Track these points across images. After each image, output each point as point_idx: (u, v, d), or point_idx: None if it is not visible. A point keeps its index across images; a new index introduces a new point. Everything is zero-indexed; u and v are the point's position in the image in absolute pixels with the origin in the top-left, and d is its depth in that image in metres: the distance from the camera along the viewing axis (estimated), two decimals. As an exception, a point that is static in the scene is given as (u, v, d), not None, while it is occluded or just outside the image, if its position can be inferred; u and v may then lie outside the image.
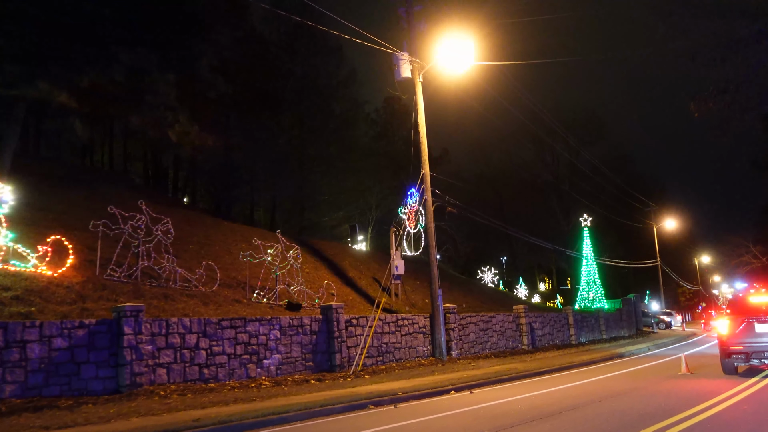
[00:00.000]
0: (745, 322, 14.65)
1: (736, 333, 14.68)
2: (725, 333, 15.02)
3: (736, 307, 15.42)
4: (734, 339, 14.68)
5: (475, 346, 23.24)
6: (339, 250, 27.22)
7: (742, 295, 16.09)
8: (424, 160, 21.70)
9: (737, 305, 15.48)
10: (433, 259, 21.38)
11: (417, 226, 42.92)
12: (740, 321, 14.72)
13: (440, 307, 20.92)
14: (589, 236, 48.39)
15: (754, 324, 14.52)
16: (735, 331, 14.72)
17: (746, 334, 14.52)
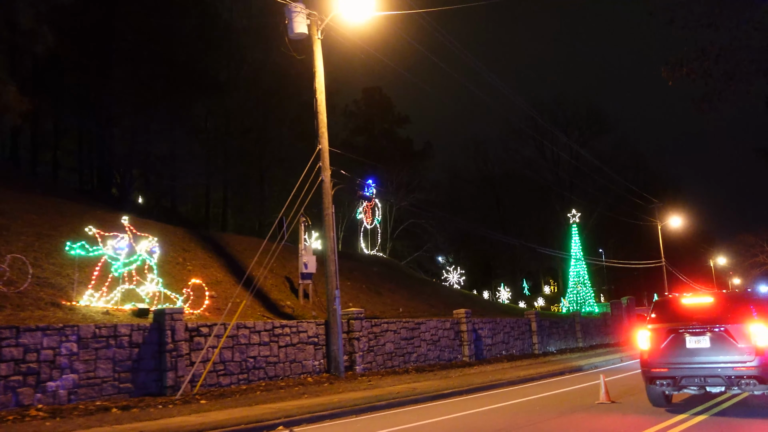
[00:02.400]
0: (672, 334, 10.65)
1: (661, 349, 10.67)
2: (646, 349, 10.97)
3: (662, 313, 11.36)
4: (657, 357, 10.65)
5: (394, 359, 19.36)
6: (252, 246, 23.52)
7: (671, 297, 12.00)
8: (322, 133, 17.90)
9: (664, 310, 11.42)
10: (330, 253, 17.57)
11: (374, 222, 39.21)
12: (666, 332, 10.71)
13: (337, 312, 17.09)
14: (577, 233, 44.19)
15: (684, 336, 10.50)
16: (659, 346, 10.72)
17: (673, 351, 10.53)
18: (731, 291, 12.64)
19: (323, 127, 17.96)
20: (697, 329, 10.45)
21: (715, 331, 10.29)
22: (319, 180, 17.69)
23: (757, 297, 11.46)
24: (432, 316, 24.04)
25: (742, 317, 10.30)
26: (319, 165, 17.72)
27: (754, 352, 9.93)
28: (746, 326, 10.12)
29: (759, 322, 10.15)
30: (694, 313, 10.87)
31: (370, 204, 35.05)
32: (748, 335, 10.06)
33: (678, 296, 11.64)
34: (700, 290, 12.55)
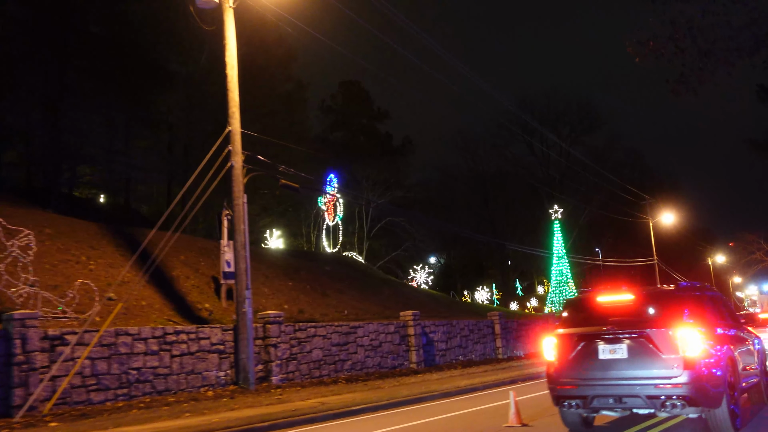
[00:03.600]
0: (582, 342, 8.51)
1: (569, 361, 8.53)
2: (552, 361, 8.82)
3: (574, 315, 9.18)
4: (565, 372, 8.53)
5: (324, 367, 17.26)
6: (184, 244, 21.47)
7: (585, 295, 9.76)
8: (232, 113, 15.83)
9: (576, 312, 9.23)
10: (241, 248, 15.48)
11: (335, 218, 37.12)
12: (575, 339, 8.57)
13: (247, 316, 14.99)
14: (560, 230, 41.97)
15: (596, 345, 8.35)
16: (567, 357, 8.59)
17: (584, 364, 8.41)
18: (661, 286, 10.27)
19: (234, 107, 15.91)
20: (612, 336, 8.28)
21: (634, 337, 8.13)
22: (228, 165, 15.62)
23: (697, 293, 9.28)
24: (384, 318, 21.95)
25: (668, 320, 8.16)
26: (229, 149, 15.64)
27: (683, 364, 7.81)
28: (673, 331, 7.98)
29: (690, 325, 8.02)
30: (611, 314, 8.64)
31: (332, 200, 32.95)
32: (675, 343, 7.91)
33: (593, 293, 9.32)
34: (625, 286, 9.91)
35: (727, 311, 10.76)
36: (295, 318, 19.44)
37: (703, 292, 9.67)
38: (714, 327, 8.82)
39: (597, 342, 8.35)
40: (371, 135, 54.68)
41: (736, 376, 8.97)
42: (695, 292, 9.28)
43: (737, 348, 9.62)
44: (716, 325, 9.03)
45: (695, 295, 9.07)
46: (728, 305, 11.25)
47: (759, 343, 11.73)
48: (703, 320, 8.52)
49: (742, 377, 9.56)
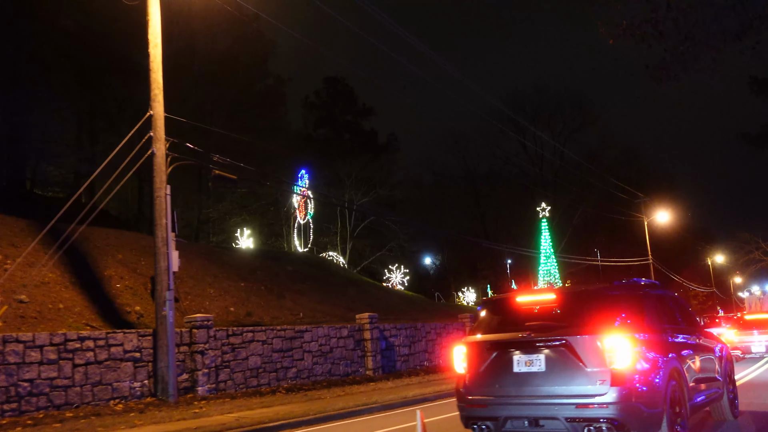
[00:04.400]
0: (495, 352, 7.08)
1: (480, 374, 7.10)
2: (462, 374, 7.41)
3: (489, 319, 7.73)
4: (475, 387, 7.09)
5: (263, 376, 15.71)
6: (124, 240, 19.98)
7: (502, 296, 8.19)
8: (155, 95, 14.27)
9: (492, 315, 7.78)
10: (162, 245, 13.95)
11: (306, 216, 35.55)
12: (488, 348, 7.13)
13: (168, 320, 13.45)
14: (547, 228, 40.38)
15: (511, 356, 6.89)
16: (478, 370, 7.17)
17: (496, 378, 6.98)
18: (592, 284, 8.63)
19: (157, 89, 14.36)
20: (529, 344, 6.83)
21: (554, 346, 6.71)
22: (149, 153, 14.10)
23: (636, 292, 7.79)
24: (345, 321, 20.42)
25: (596, 325, 6.69)
26: (150, 135, 14.12)
27: (610, 379, 6.38)
28: (599, 339, 6.53)
29: (620, 331, 6.55)
30: (530, 319, 7.19)
31: (303, 197, 31.45)
32: (601, 353, 6.49)
33: (512, 294, 7.87)
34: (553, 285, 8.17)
35: (681, 314, 9.22)
36: (239, 321, 17.93)
37: (646, 291, 8.11)
38: (656, 333, 7.38)
39: (511, 352, 6.94)
40: (356, 132, 53.21)
41: (683, 391, 7.46)
42: (634, 291, 7.77)
43: (690, 357, 8.15)
44: (660, 330, 7.55)
45: (633, 295, 7.61)
46: (682, 307, 9.74)
47: (724, 350, 10.21)
48: (641, 325, 7.07)
49: (694, 392, 8.05)
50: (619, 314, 6.91)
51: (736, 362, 20.03)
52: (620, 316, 6.89)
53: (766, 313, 20.20)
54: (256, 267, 23.41)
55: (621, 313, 6.94)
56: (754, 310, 21.55)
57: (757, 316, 20.19)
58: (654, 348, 7.05)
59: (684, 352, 8.05)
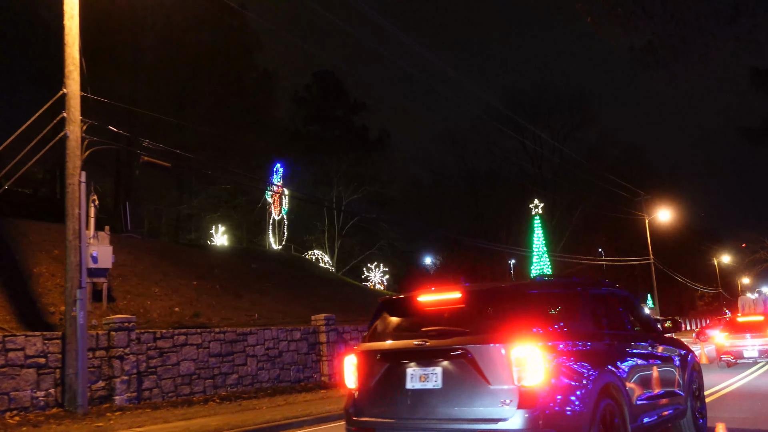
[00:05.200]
0: (387, 364, 5.76)
1: (370, 390, 5.87)
2: (353, 388, 6.13)
3: (385, 323, 6.36)
4: (365, 405, 5.88)
5: (197, 383, 14.28)
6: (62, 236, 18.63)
7: (401, 297, 6.71)
8: (69, 72, 12.79)
9: (388, 319, 6.39)
10: (73, 238, 12.51)
11: (281, 212, 34.11)
12: (379, 360, 5.89)
13: (78, 321, 12.03)
14: (540, 226, 38.77)
15: (405, 369, 5.66)
16: (369, 384, 5.87)
17: (387, 395, 5.73)
18: (508, 281, 7.00)
19: (72, 65, 12.91)
20: (424, 354, 5.52)
21: (453, 357, 5.41)
22: (62, 135, 12.69)
23: (566, 291, 6.52)
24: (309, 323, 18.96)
25: (505, 331, 5.39)
26: (63, 116, 12.71)
27: (517, 399, 5.06)
28: (506, 348, 5.22)
29: (532, 340, 5.25)
30: (431, 323, 5.79)
31: (277, 192, 30.04)
32: (508, 366, 5.19)
33: (415, 292, 6.34)
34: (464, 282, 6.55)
35: (635, 318, 7.93)
36: (181, 323, 16.53)
37: (579, 290, 6.75)
38: (587, 340, 6.16)
39: (405, 364, 5.65)
40: (346, 128, 51.75)
41: (623, 411, 6.10)
42: (561, 289, 6.50)
43: (638, 369, 6.91)
44: (593, 337, 6.35)
45: (559, 295, 6.36)
46: (634, 309, 8.22)
47: (689, 359, 8.71)
48: (565, 331, 5.91)
49: (641, 411, 6.67)
50: (536, 318, 5.61)
51: (727, 368, 18.54)
52: (538, 320, 5.60)
53: (759, 315, 18.64)
54: (217, 265, 22.04)
55: (539, 317, 5.67)
56: (748, 312, 19.96)
57: (750, 318, 18.62)
58: (581, 359, 5.78)
59: (628, 363, 6.73)
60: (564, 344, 5.58)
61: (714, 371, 17.67)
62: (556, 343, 5.44)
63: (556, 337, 5.54)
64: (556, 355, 5.35)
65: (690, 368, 8.73)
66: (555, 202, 64.22)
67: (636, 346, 7.33)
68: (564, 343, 5.60)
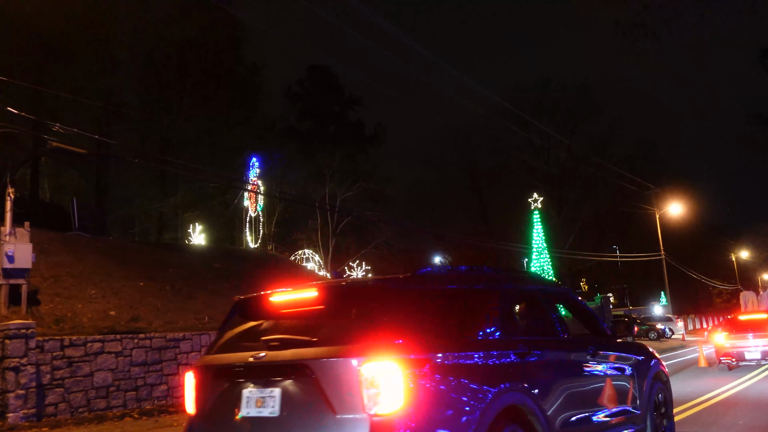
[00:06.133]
0: (224, 383, 4.58)
1: (205, 417, 4.66)
2: (192, 413, 4.76)
3: (232, 331, 4.99)
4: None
5: (116, 396, 12.70)
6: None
7: (253, 297, 5.18)
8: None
9: (239, 324, 5.00)
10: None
11: (257, 208, 32.54)
12: (213, 378, 4.68)
13: (-41, 328, 10.52)
14: (540, 221, 36.88)
15: (241, 391, 4.45)
16: (205, 409, 4.68)
17: (222, 423, 4.52)
18: (378, 276, 5.19)
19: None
20: (262, 371, 4.43)
21: (295, 375, 4.25)
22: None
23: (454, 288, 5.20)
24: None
25: (359, 341, 4.18)
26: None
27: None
28: (358, 365, 4.04)
29: (391, 353, 4.07)
30: (281, 330, 4.64)
31: (253, 188, 28.51)
32: (358, 388, 4.01)
33: (266, 294, 4.96)
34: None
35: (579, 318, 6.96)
36: (113, 329, 14.91)
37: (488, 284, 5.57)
38: (486, 349, 4.87)
39: (241, 383, 4.49)
40: (342, 123, 50.17)
41: None
42: (460, 285, 5.27)
43: (566, 385, 5.54)
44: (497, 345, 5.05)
45: (456, 291, 5.14)
46: (577, 309, 7.08)
47: (652, 367, 7.06)
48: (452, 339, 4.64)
49: None
50: (409, 322, 4.35)
51: (728, 371, 16.70)
52: (410, 325, 4.33)
53: (763, 312, 16.73)
54: (175, 264, 20.51)
55: (414, 322, 4.40)
56: (750, 310, 18.03)
57: (753, 316, 16.72)
58: (470, 375, 4.52)
59: (551, 378, 5.40)
60: (443, 357, 4.35)
61: (713, 374, 16.06)
62: (429, 356, 4.23)
63: (429, 348, 4.28)
64: (430, 371, 4.17)
65: (651, 379, 7.16)
66: (562, 198, 62.24)
67: (568, 355, 5.90)
68: (444, 355, 4.36)
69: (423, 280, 5.02)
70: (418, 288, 4.81)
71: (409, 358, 4.04)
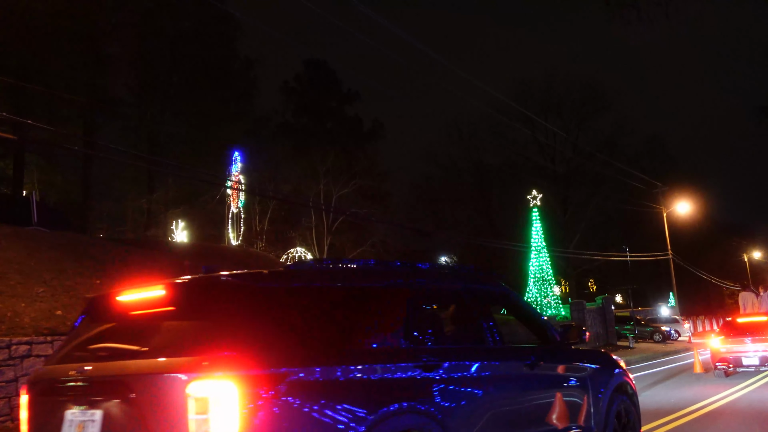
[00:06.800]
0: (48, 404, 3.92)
1: None
2: None
3: (79, 333, 4.21)
4: None
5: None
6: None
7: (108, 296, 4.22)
8: None
9: (91, 326, 4.17)
10: None
11: (239, 204, 31.50)
12: (40, 395, 3.98)
13: None
14: (539, 219, 35.63)
15: (64, 412, 3.68)
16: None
17: None
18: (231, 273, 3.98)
19: None
20: (83, 391, 3.66)
21: (113, 395, 3.46)
22: None
23: (325, 284, 4.22)
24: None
25: (190, 355, 3.26)
26: None
27: None
28: (185, 384, 3.15)
29: (220, 370, 3.18)
30: (118, 337, 3.93)
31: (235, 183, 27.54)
32: (183, 413, 3.11)
33: (113, 292, 4.25)
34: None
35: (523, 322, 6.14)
36: (54, 329, 13.91)
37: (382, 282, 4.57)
38: (368, 362, 3.91)
39: (64, 404, 3.74)
40: (340, 119, 49.17)
41: None
42: (343, 282, 4.34)
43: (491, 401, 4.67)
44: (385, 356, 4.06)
45: (336, 291, 4.19)
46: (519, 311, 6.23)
47: (614, 376, 6.13)
48: (320, 349, 3.72)
49: None
50: (260, 331, 3.50)
51: (725, 377, 15.44)
52: (261, 333, 3.49)
53: (763, 314, 15.44)
54: (137, 262, 19.49)
55: (268, 329, 3.55)
56: (750, 312, 16.72)
57: (751, 318, 15.43)
58: (342, 395, 3.61)
59: (467, 397, 4.44)
60: (307, 372, 3.49)
61: (707, 381, 14.89)
62: (285, 372, 3.40)
63: (287, 361, 3.45)
64: (285, 391, 3.34)
65: (612, 391, 6.14)
66: (567, 197, 60.98)
67: (498, 367, 4.92)
68: (308, 370, 3.51)
69: (293, 277, 4.12)
70: (283, 287, 3.86)
71: (254, 375, 3.23)
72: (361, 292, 4.27)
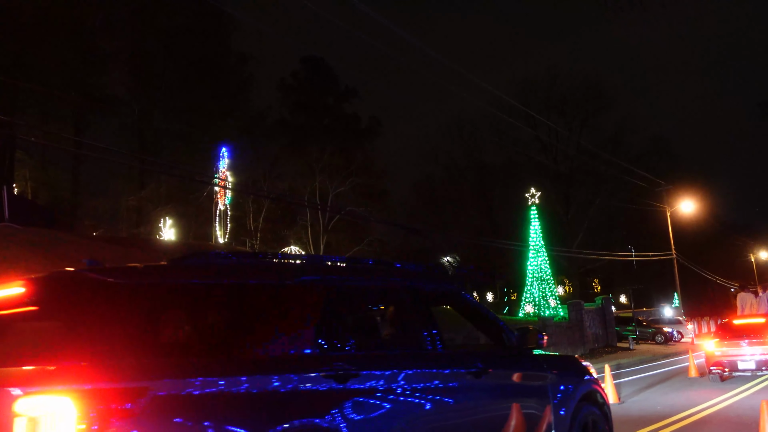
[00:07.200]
0: None
1: None
2: None
3: None
4: None
5: None
6: None
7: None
8: None
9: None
10: None
11: (225, 202, 30.92)
12: None
13: None
14: (537, 218, 34.93)
15: None
16: None
17: None
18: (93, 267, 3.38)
19: None
20: None
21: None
22: None
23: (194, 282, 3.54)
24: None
25: (33, 368, 2.81)
26: None
27: None
28: (13, 400, 2.60)
29: (61, 385, 2.65)
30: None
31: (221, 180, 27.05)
32: None
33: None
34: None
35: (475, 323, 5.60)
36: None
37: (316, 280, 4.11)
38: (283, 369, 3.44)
39: None
40: (337, 116, 48.64)
41: None
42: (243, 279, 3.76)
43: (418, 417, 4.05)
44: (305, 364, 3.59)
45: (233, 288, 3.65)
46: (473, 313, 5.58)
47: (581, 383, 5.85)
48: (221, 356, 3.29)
49: None
50: (116, 336, 2.99)
51: (720, 382, 14.77)
52: (117, 339, 2.98)
53: (760, 316, 14.74)
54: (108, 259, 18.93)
55: (127, 333, 3.03)
56: (748, 313, 16.03)
57: (748, 320, 14.73)
58: (219, 413, 3.03)
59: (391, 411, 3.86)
60: (171, 385, 2.97)
61: (701, 386, 14.21)
62: (142, 386, 2.88)
63: (146, 373, 2.93)
64: (140, 410, 2.80)
65: (578, 401, 5.45)
66: (570, 196, 60.25)
67: (435, 375, 4.31)
68: (173, 382, 2.98)
69: (176, 272, 3.58)
70: (156, 283, 3.21)
71: (102, 389, 2.75)
72: (257, 291, 3.70)
